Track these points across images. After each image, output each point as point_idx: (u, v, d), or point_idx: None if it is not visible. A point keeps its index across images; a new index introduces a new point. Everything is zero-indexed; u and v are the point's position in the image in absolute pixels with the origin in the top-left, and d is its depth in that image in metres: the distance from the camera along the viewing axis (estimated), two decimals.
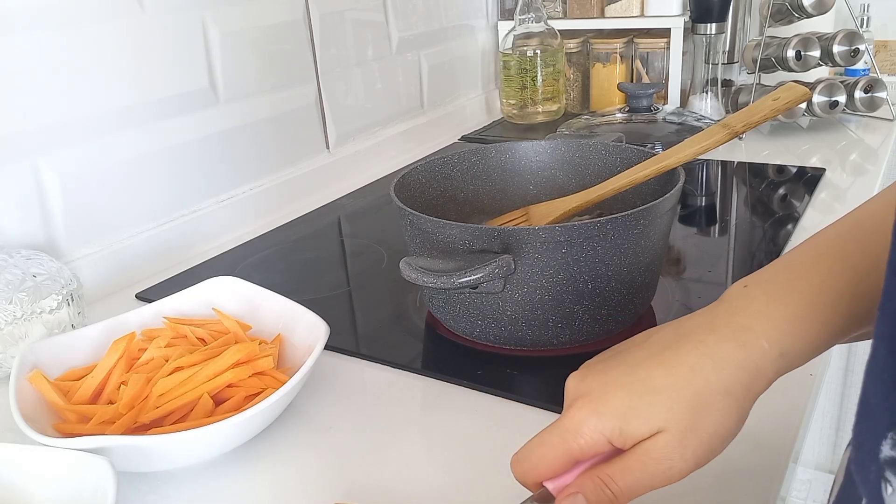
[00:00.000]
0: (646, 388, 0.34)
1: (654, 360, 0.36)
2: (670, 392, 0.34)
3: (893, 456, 0.26)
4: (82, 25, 0.73)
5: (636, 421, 0.34)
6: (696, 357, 0.35)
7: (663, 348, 0.36)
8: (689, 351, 0.35)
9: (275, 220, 0.95)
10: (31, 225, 0.72)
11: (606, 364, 0.37)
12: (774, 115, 0.62)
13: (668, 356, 0.35)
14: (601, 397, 0.35)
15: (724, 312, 0.37)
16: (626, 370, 0.36)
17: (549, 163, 0.76)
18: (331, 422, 0.54)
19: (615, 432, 0.34)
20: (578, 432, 0.34)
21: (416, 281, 0.53)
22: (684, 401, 0.34)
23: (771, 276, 0.38)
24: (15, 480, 0.44)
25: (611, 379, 0.36)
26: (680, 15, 1.25)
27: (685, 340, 0.36)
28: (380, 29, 1.13)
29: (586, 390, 0.36)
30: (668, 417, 0.34)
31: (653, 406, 0.34)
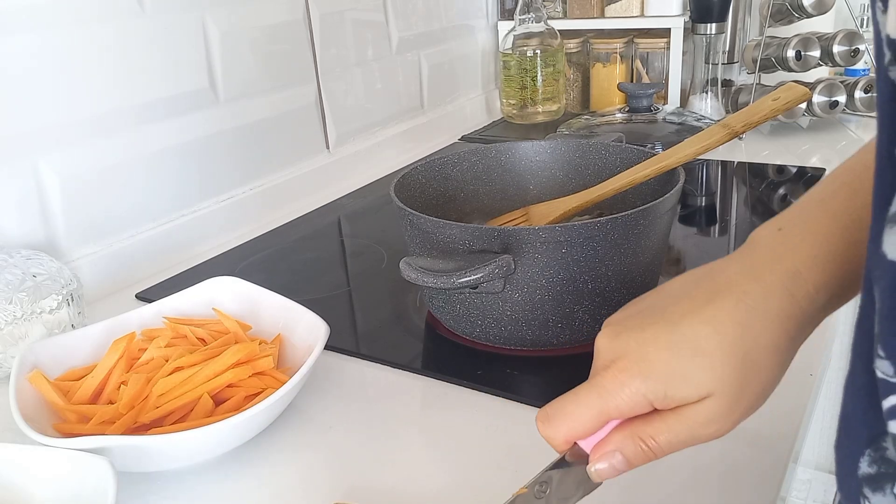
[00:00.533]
0: (693, 348, 0.32)
1: (697, 315, 0.33)
2: (719, 354, 0.32)
3: (871, 473, 0.26)
4: (82, 25, 0.73)
5: (684, 385, 0.32)
6: (744, 312, 0.32)
7: (705, 302, 0.33)
8: (734, 305, 0.33)
9: (275, 220, 0.95)
10: (31, 225, 0.72)
11: (642, 318, 0.35)
12: (774, 115, 0.62)
13: (712, 312, 0.33)
14: (643, 358, 0.33)
15: (765, 259, 0.34)
16: (667, 327, 0.33)
17: (549, 163, 0.76)
18: (331, 422, 0.54)
19: (659, 395, 0.32)
20: (618, 394, 0.33)
21: (416, 281, 0.53)
22: (734, 363, 0.32)
23: (805, 216, 0.35)
24: (15, 480, 0.44)
25: (650, 337, 0.33)
26: (680, 15, 1.25)
27: (728, 293, 0.33)
28: (380, 29, 1.13)
29: (623, 350, 0.34)
30: (718, 382, 0.32)
31: (702, 369, 0.32)
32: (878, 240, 0.23)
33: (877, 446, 0.25)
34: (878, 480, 0.25)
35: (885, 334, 0.23)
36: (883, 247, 0.23)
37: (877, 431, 0.25)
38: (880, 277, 0.23)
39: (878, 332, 0.23)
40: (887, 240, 0.23)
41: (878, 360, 0.23)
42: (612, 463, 0.34)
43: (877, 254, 0.23)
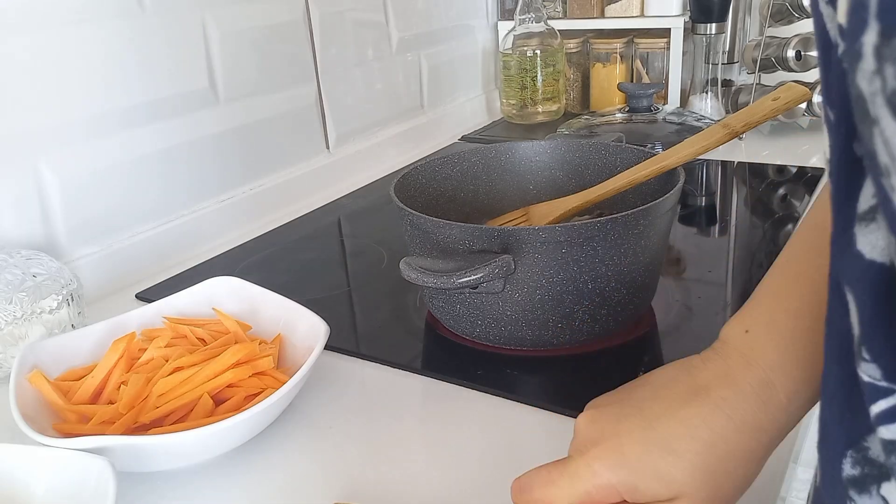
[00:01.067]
0: (666, 448, 0.33)
1: (672, 416, 0.34)
2: (692, 456, 0.33)
3: (855, 475, 0.25)
4: (82, 26, 0.73)
5: (655, 483, 0.33)
6: (719, 419, 0.33)
7: (682, 402, 0.34)
8: (710, 411, 0.33)
9: (275, 220, 0.95)
10: (31, 225, 0.72)
11: (620, 409, 0.35)
12: (774, 115, 0.62)
13: (687, 414, 0.34)
14: (617, 448, 0.33)
15: (738, 364, 0.35)
16: (643, 423, 0.34)
17: (549, 163, 0.76)
18: (331, 422, 0.54)
19: (629, 488, 0.33)
20: (590, 482, 0.33)
21: (416, 281, 0.53)
22: (706, 468, 0.32)
23: (769, 317, 0.36)
24: (15, 480, 0.44)
25: (625, 430, 0.34)
26: (680, 15, 1.26)
27: (705, 396, 0.34)
28: (380, 29, 1.13)
29: (599, 437, 0.34)
30: (688, 484, 0.32)
31: (673, 470, 0.32)
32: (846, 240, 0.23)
33: (858, 447, 0.25)
34: (863, 482, 0.25)
35: (869, 337, 0.23)
36: (857, 246, 0.22)
37: (857, 433, 0.25)
38: (857, 279, 0.23)
39: (861, 335, 0.23)
40: (861, 239, 0.22)
41: (862, 364, 0.23)
42: None
43: (846, 254, 0.23)
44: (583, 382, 0.56)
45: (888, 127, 0.18)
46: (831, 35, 0.22)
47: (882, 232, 0.21)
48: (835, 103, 0.22)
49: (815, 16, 0.23)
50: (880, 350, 0.22)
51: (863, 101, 0.18)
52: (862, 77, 0.18)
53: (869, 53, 0.18)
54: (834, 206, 0.23)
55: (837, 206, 0.23)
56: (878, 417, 0.23)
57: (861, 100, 0.18)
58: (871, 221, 0.22)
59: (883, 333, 0.22)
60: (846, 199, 0.22)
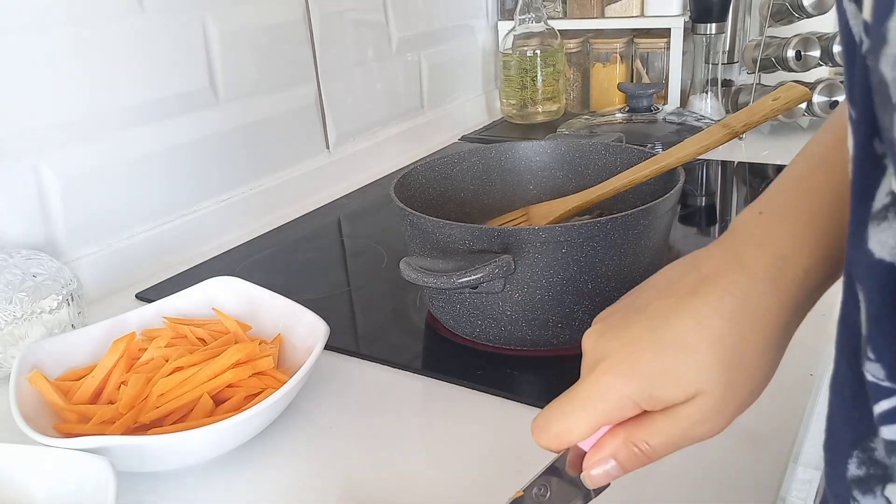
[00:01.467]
0: (677, 346, 0.31)
1: (680, 310, 0.31)
2: (705, 349, 0.30)
3: (860, 475, 0.25)
4: (82, 26, 0.73)
5: (670, 385, 0.30)
6: (729, 303, 0.31)
7: (689, 294, 0.32)
8: (720, 297, 0.31)
9: (275, 220, 0.95)
10: (31, 225, 0.72)
11: (626, 317, 0.33)
12: (774, 115, 0.62)
13: (695, 305, 0.31)
14: (626, 358, 0.31)
15: (749, 245, 0.32)
16: (650, 324, 0.32)
17: (549, 163, 0.76)
18: (331, 422, 0.54)
19: (644, 396, 0.31)
20: (603, 398, 0.31)
21: (416, 281, 0.53)
22: (722, 359, 0.30)
23: (785, 198, 0.34)
24: (15, 480, 0.44)
25: (634, 336, 0.32)
26: (680, 15, 1.25)
27: (712, 283, 0.31)
28: (380, 29, 1.13)
29: (607, 351, 0.32)
30: (705, 379, 0.30)
31: (687, 367, 0.30)
32: (859, 236, 0.22)
33: (864, 447, 0.25)
34: (868, 483, 0.25)
35: (874, 336, 0.22)
36: (868, 244, 0.22)
37: (863, 432, 0.25)
38: (866, 276, 0.22)
39: (867, 335, 0.22)
40: (873, 237, 0.22)
41: (867, 363, 0.22)
42: (606, 469, 0.33)
43: (859, 250, 0.22)
44: None
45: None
46: (855, 32, 0.22)
47: (893, 231, 0.21)
48: (857, 101, 0.22)
49: (838, 13, 0.23)
50: (884, 349, 0.22)
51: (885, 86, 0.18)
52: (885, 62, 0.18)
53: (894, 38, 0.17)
54: (852, 203, 0.23)
55: (854, 203, 0.23)
56: (882, 417, 0.23)
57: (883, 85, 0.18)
58: (882, 220, 0.22)
59: (887, 333, 0.22)
60: (863, 197, 0.22)
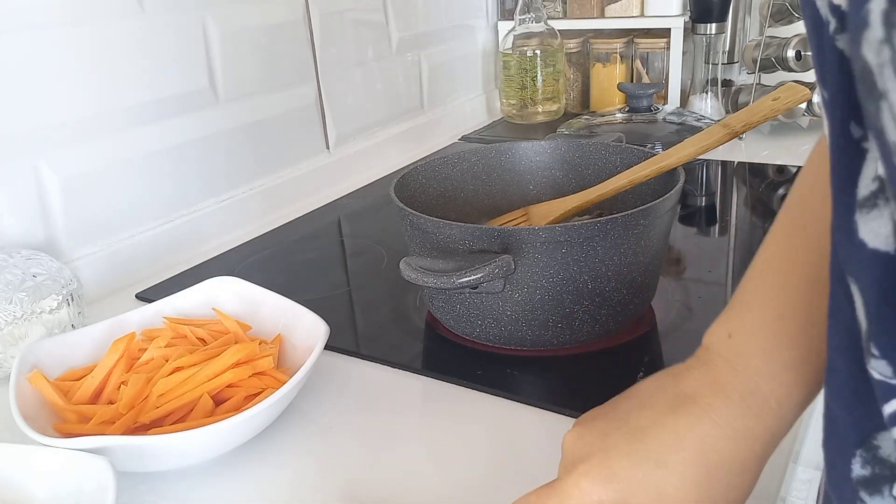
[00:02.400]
0: (655, 460, 0.32)
1: (660, 426, 0.32)
2: (682, 468, 0.31)
3: (865, 475, 0.24)
4: (82, 26, 0.73)
5: (645, 497, 0.31)
6: (707, 427, 0.32)
7: (668, 411, 0.33)
8: (698, 418, 0.32)
9: (275, 220, 0.95)
10: (31, 225, 0.72)
11: (606, 424, 0.34)
12: (774, 115, 0.62)
13: (675, 424, 0.32)
14: (604, 464, 0.32)
15: (723, 371, 0.34)
16: (630, 436, 0.33)
17: (549, 163, 0.76)
18: (331, 422, 0.54)
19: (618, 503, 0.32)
20: (580, 500, 0.32)
21: (416, 281, 0.53)
22: (696, 478, 0.31)
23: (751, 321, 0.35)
24: (15, 480, 0.44)
25: (613, 443, 0.33)
26: (680, 15, 1.25)
27: (692, 404, 0.33)
28: (380, 29, 1.13)
29: (586, 453, 0.33)
30: (681, 497, 0.31)
31: (663, 482, 0.31)
32: (847, 228, 0.21)
33: (868, 446, 0.24)
34: (875, 483, 0.24)
35: (877, 332, 0.21)
36: (859, 235, 0.21)
37: (866, 431, 0.24)
38: (860, 270, 0.22)
39: (868, 331, 0.22)
40: (863, 227, 0.21)
41: (872, 360, 0.22)
42: None
43: (849, 243, 0.21)
44: (583, 382, 0.56)
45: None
46: (822, 13, 0.21)
47: (885, 219, 0.20)
48: (828, 82, 0.21)
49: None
50: (890, 346, 0.21)
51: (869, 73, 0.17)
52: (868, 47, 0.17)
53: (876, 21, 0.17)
54: (834, 193, 0.22)
55: (837, 192, 0.22)
56: (893, 417, 0.22)
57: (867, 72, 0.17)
58: (872, 208, 0.21)
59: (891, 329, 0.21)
60: (845, 185, 0.21)
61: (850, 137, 0.21)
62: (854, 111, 0.20)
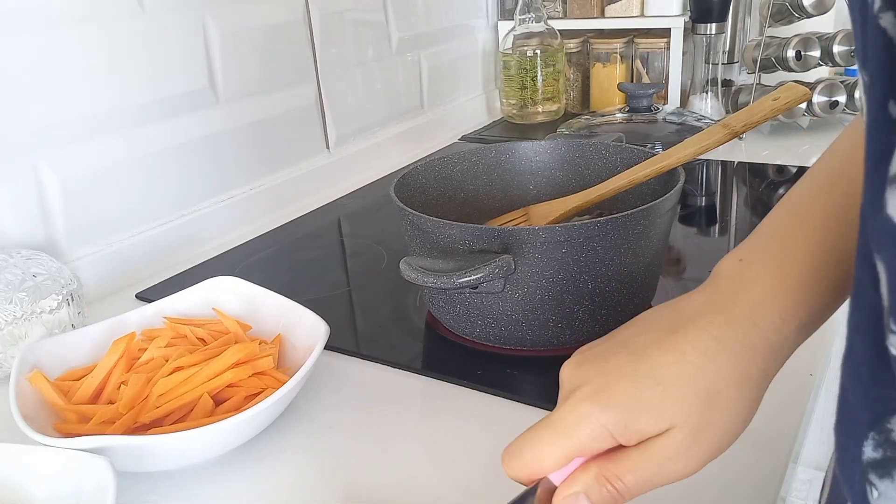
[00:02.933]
0: (653, 377, 0.31)
1: (659, 345, 0.32)
2: (681, 383, 0.31)
3: (876, 458, 0.24)
4: (81, 26, 0.73)
5: (645, 416, 0.31)
6: (706, 340, 0.32)
7: (668, 332, 0.33)
8: (697, 334, 0.32)
9: (275, 220, 0.95)
10: (31, 225, 0.72)
11: (605, 349, 0.34)
12: (774, 115, 0.62)
13: (675, 341, 0.32)
14: (603, 388, 0.31)
15: (728, 289, 0.34)
16: (629, 357, 0.32)
17: (549, 163, 0.76)
18: (331, 422, 0.54)
19: (619, 427, 0.31)
20: (578, 427, 0.31)
21: (416, 281, 0.53)
22: (697, 394, 0.31)
23: (765, 246, 0.35)
24: (15, 480, 0.44)
25: (612, 367, 0.32)
26: (680, 15, 1.25)
27: (691, 323, 0.32)
28: (380, 29, 1.13)
29: (584, 379, 0.32)
30: (680, 413, 0.30)
31: (663, 399, 0.31)
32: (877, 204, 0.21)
33: (881, 429, 0.24)
34: (885, 465, 0.24)
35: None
36: (886, 209, 0.21)
37: (880, 413, 0.24)
38: (886, 245, 0.21)
39: (890, 306, 0.22)
40: (891, 202, 0.21)
41: (891, 336, 0.22)
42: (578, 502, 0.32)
43: (878, 218, 0.21)
44: None
45: None
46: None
47: None
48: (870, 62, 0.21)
49: None
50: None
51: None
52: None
53: None
54: (866, 170, 0.22)
55: (870, 169, 0.22)
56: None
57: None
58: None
59: None
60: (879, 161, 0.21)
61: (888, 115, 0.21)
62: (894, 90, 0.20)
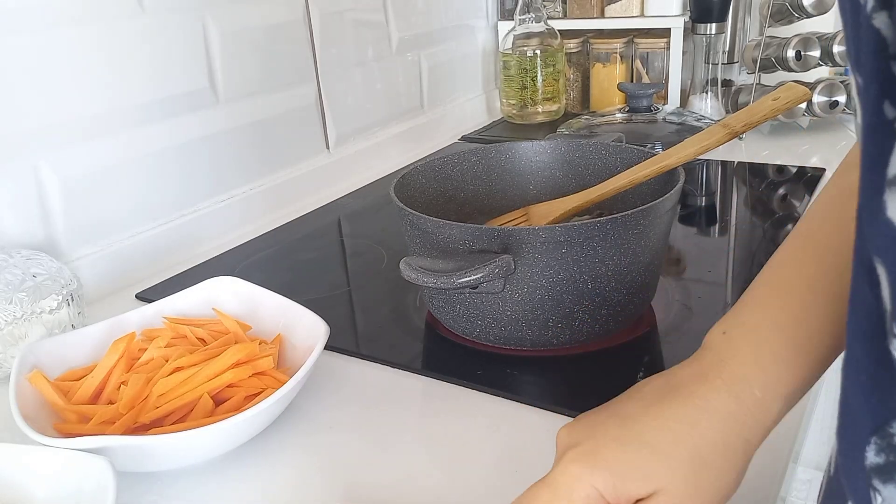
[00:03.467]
0: (641, 443, 0.33)
1: (646, 413, 0.34)
2: (668, 449, 0.33)
3: (879, 463, 0.24)
4: (82, 26, 0.73)
5: (633, 479, 0.32)
6: (690, 410, 0.34)
7: (655, 401, 0.35)
8: (681, 403, 0.34)
9: (275, 220, 0.95)
10: (31, 225, 0.72)
11: (597, 417, 0.36)
12: (774, 115, 0.62)
13: (660, 409, 0.34)
14: (593, 450, 0.33)
15: (712, 362, 0.35)
16: (618, 422, 0.34)
17: (549, 163, 0.76)
18: (331, 422, 0.54)
19: (609, 488, 0.32)
20: (570, 487, 0.33)
21: (416, 281, 0.53)
22: (683, 459, 0.32)
23: (748, 318, 0.37)
24: (15, 480, 0.44)
25: (601, 432, 0.34)
26: (680, 15, 1.26)
27: (676, 392, 0.35)
28: (380, 29, 1.13)
29: (576, 440, 0.34)
30: (667, 477, 0.32)
31: (650, 463, 0.32)
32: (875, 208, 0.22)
33: (883, 433, 0.24)
34: (889, 470, 0.24)
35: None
36: (886, 213, 0.21)
37: (882, 418, 0.24)
38: (886, 248, 0.22)
39: (891, 310, 0.22)
40: (891, 205, 0.21)
41: (893, 340, 0.22)
42: None
43: (876, 223, 0.22)
44: (583, 382, 0.56)
45: None
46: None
47: None
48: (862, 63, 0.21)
49: None
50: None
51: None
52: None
53: None
54: (862, 173, 0.23)
55: (866, 172, 0.22)
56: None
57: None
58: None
59: None
60: (875, 164, 0.22)
61: (884, 117, 0.21)
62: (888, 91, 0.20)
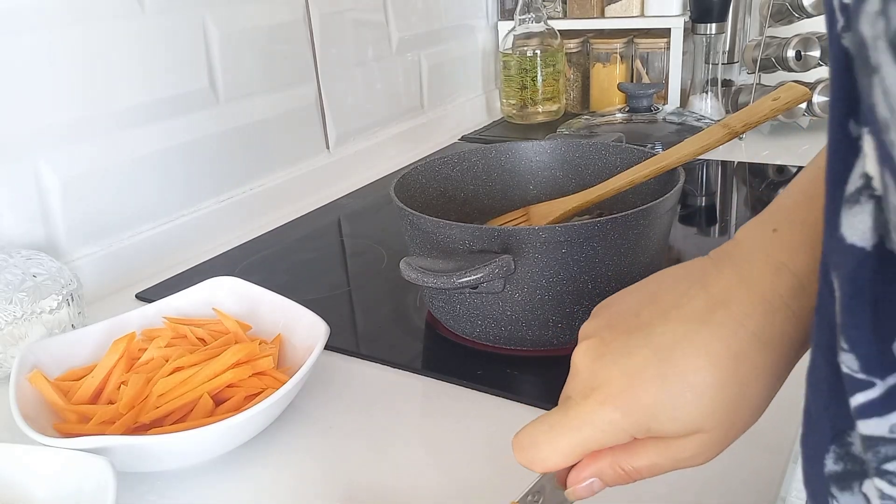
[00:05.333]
0: (683, 384, 0.29)
1: (690, 343, 0.30)
2: (712, 392, 0.29)
3: (837, 470, 0.24)
4: (82, 25, 0.73)
5: (671, 422, 0.30)
6: (743, 341, 0.29)
7: (698, 324, 0.30)
8: (733, 331, 0.29)
9: (275, 220, 0.95)
10: (31, 225, 0.72)
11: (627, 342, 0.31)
12: (774, 115, 0.62)
13: (706, 339, 0.29)
14: (627, 391, 0.30)
15: (763, 270, 0.30)
16: (655, 354, 0.30)
17: (549, 163, 0.76)
18: (331, 422, 0.54)
19: (642, 429, 0.30)
20: (598, 429, 0.30)
21: (416, 281, 0.53)
22: (728, 399, 0.29)
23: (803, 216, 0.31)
24: (15, 480, 0.44)
25: (637, 365, 0.30)
26: (680, 15, 1.25)
27: (723, 313, 0.30)
28: (380, 29, 1.13)
29: (606, 378, 0.31)
30: (709, 420, 0.29)
31: (691, 407, 0.29)
32: (833, 222, 0.21)
33: (841, 442, 0.24)
34: (846, 479, 0.24)
35: (847, 326, 0.21)
36: (840, 229, 0.21)
37: (840, 427, 0.24)
38: (839, 263, 0.22)
39: (841, 323, 0.22)
40: (845, 222, 0.21)
41: (842, 354, 0.22)
42: (590, 486, 0.32)
43: (833, 237, 0.22)
44: None
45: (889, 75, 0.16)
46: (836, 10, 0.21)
47: (865, 215, 0.20)
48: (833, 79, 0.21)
49: None
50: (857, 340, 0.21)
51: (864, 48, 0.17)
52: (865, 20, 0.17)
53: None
54: (827, 188, 0.22)
55: (829, 188, 0.22)
56: (857, 411, 0.22)
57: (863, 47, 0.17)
58: (854, 203, 0.21)
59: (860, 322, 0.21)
60: (837, 180, 0.21)
61: (848, 134, 0.21)
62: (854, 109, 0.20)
